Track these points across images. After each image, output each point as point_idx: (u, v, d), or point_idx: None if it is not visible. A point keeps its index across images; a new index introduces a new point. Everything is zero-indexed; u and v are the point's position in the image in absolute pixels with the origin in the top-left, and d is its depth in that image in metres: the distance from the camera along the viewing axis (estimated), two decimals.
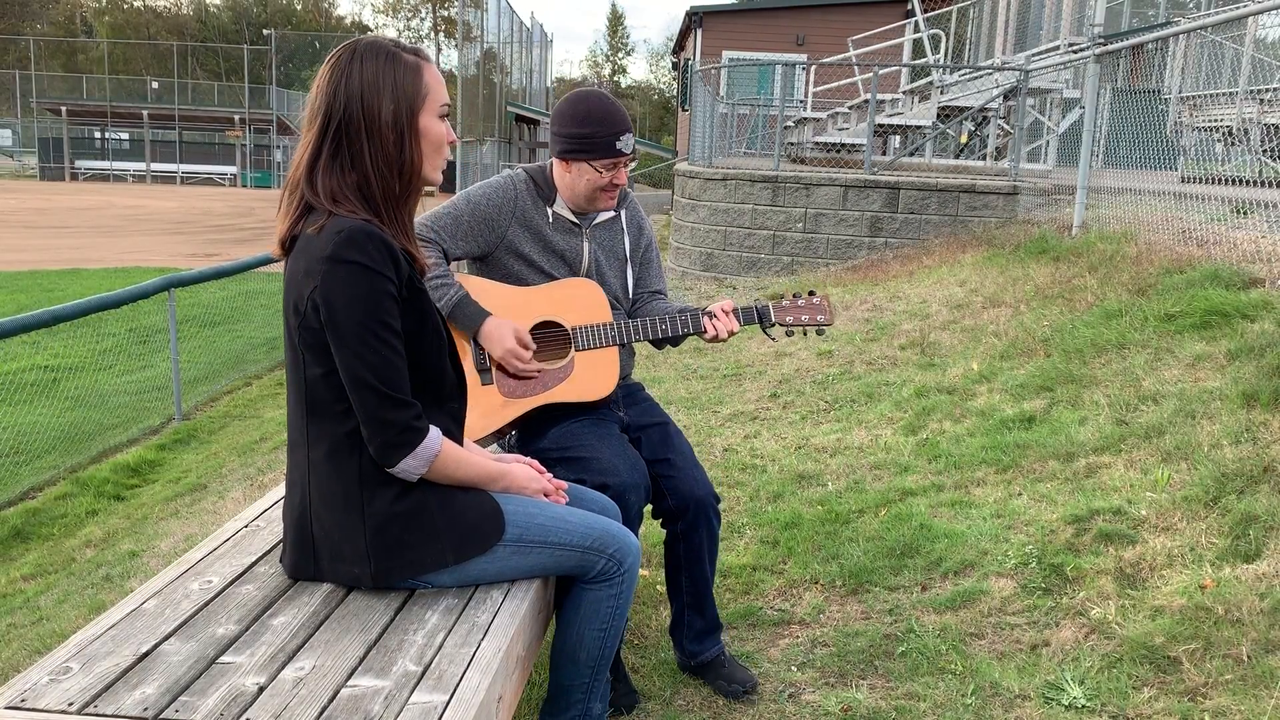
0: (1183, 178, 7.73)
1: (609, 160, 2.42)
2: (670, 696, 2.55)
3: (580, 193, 2.48)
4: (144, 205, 26.19)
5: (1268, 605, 2.43)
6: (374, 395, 1.69)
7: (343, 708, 1.45)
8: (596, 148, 2.41)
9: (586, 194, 2.48)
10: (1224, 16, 6.16)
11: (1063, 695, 2.35)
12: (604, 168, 2.43)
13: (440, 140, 1.79)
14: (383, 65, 1.72)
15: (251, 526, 2.12)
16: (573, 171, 2.46)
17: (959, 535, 3.22)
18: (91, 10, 60.57)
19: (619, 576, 1.94)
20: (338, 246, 1.65)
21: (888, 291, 7.20)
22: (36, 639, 3.56)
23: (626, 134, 2.43)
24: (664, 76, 65.92)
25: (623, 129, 2.42)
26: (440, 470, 1.78)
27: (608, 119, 2.41)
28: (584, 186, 2.46)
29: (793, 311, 2.60)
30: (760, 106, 15.04)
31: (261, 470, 5.30)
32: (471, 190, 2.52)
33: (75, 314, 6.14)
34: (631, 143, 2.44)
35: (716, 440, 4.62)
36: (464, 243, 2.45)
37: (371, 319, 1.67)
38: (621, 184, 2.49)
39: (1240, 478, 2.99)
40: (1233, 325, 4.06)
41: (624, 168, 2.47)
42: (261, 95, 39.86)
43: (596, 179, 2.44)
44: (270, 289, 11.73)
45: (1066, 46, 10.63)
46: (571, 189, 2.49)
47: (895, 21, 16.40)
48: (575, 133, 2.42)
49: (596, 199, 2.49)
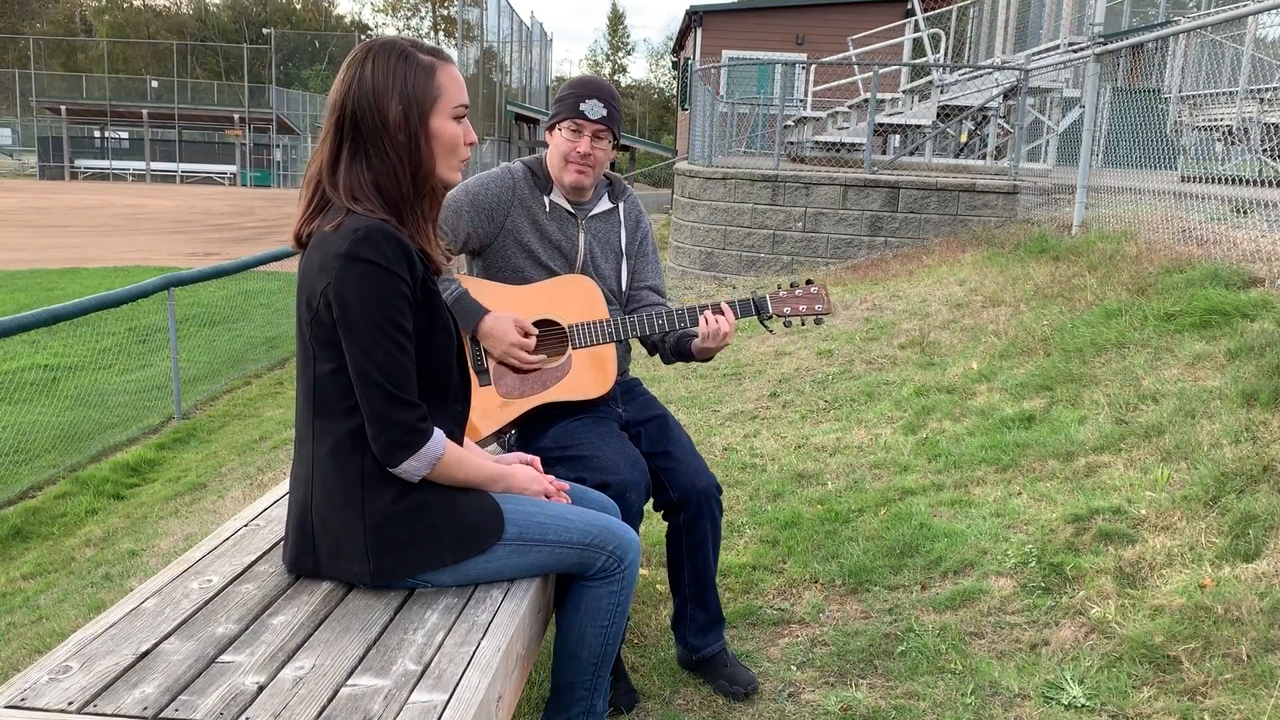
0: (1183, 177, 7.73)
1: (573, 121, 2.43)
2: (670, 696, 2.55)
3: (556, 166, 2.51)
4: (144, 204, 26.19)
5: (1267, 605, 2.43)
6: (381, 394, 1.69)
7: (342, 707, 1.45)
8: (563, 110, 2.45)
9: (558, 165, 2.50)
10: (1224, 16, 6.16)
11: (1062, 695, 2.35)
12: (569, 130, 2.44)
13: (454, 142, 1.78)
14: (394, 66, 1.72)
15: (251, 526, 2.12)
16: (551, 144, 2.51)
17: (959, 534, 3.22)
18: (91, 9, 60.56)
19: (620, 573, 1.94)
20: (354, 244, 1.66)
21: (887, 291, 7.20)
22: (36, 638, 3.56)
23: (594, 99, 2.43)
24: (664, 76, 65.96)
25: (590, 94, 2.43)
26: (443, 473, 1.78)
27: (581, 85, 2.46)
28: (557, 159, 2.49)
29: (790, 302, 2.58)
30: (760, 106, 15.02)
31: (261, 469, 5.30)
32: (469, 182, 2.52)
33: (75, 313, 6.14)
34: (599, 110, 2.43)
35: (716, 439, 4.61)
36: (466, 234, 2.46)
37: (383, 318, 1.67)
38: (589, 155, 2.46)
39: (1240, 477, 2.99)
40: (1232, 324, 4.06)
41: (590, 138, 2.44)
42: (261, 94, 39.84)
43: (564, 145, 2.46)
44: (270, 288, 11.73)
45: (1066, 46, 10.63)
46: (555, 166, 2.52)
47: (895, 21, 16.39)
48: (555, 102, 2.50)
49: (565, 171, 2.49)
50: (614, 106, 2.46)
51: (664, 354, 2.63)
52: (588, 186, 2.52)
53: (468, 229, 2.45)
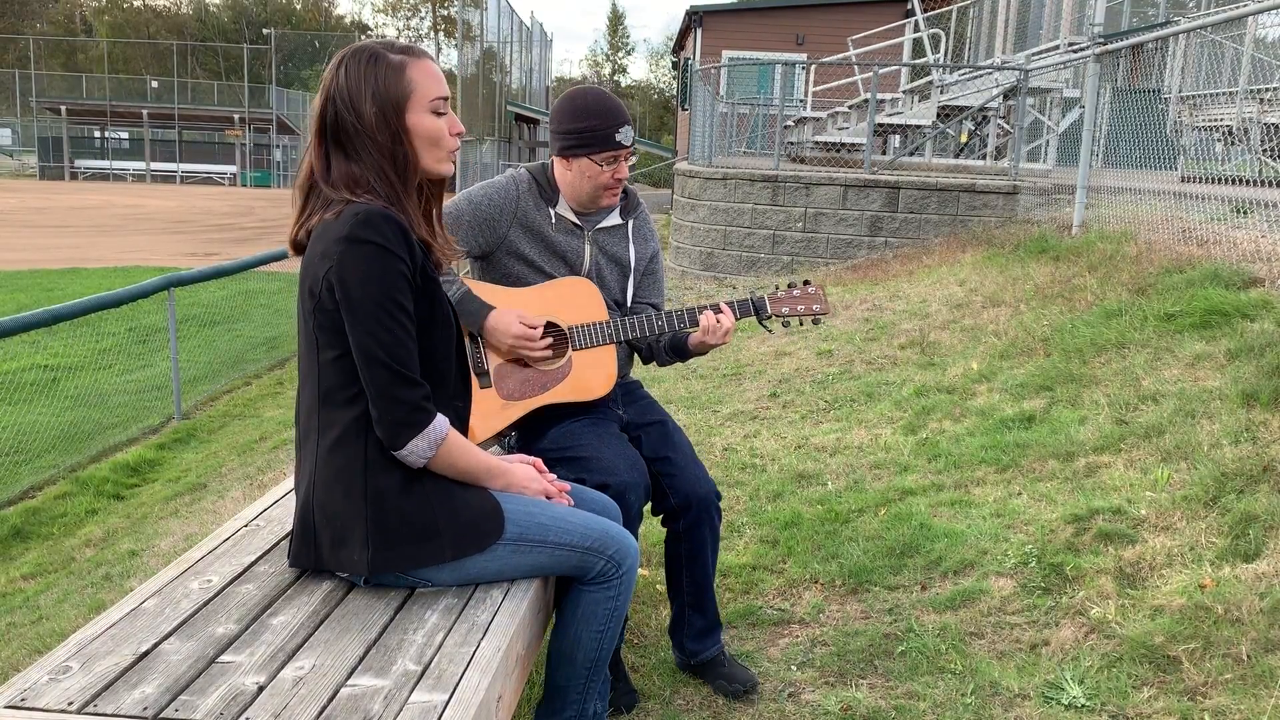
0: (1183, 177, 7.73)
1: (608, 153, 2.39)
2: (670, 696, 2.55)
3: (584, 191, 2.45)
4: (144, 204, 26.19)
5: (1267, 605, 2.43)
6: (385, 372, 1.70)
7: (342, 707, 1.45)
8: (595, 141, 2.38)
9: (590, 192, 2.45)
10: (1224, 16, 6.16)
11: (1062, 695, 2.35)
12: (604, 161, 2.40)
13: (435, 134, 1.79)
14: (364, 69, 1.75)
15: (251, 526, 2.12)
16: (574, 169, 2.43)
17: (959, 535, 3.22)
18: (91, 9, 60.57)
19: (617, 579, 1.94)
20: (354, 227, 1.68)
21: (887, 291, 7.20)
22: (36, 638, 3.56)
23: (625, 126, 2.40)
24: (664, 76, 65.95)
25: (621, 121, 2.40)
26: (445, 458, 1.78)
27: (605, 112, 2.38)
28: (586, 184, 2.43)
29: (788, 302, 2.57)
30: (760, 106, 15.03)
31: (261, 470, 5.30)
32: (473, 190, 2.51)
33: (75, 313, 6.14)
34: (631, 135, 2.42)
35: (716, 440, 4.61)
36: (463, 241, 2.45)
37: (386, 297, 1.69)
38: (624, 178, 2.45)
39: (1240, 477, 2.99)
40: (1232, 325, 4.06)
41: (624, 162, 2.43)
42: (261, 95, 39.85)
43: (598, 174, 2.41)
44: (270, 289, 11.74)
45: (1066, 46, 10.64)
46: (574, 188, 2.46)
47: (895, 21, 16.40)
48: (573, 128, 2.39)
49: (600, 197, 2.46)
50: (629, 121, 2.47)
51: (658, 354, 2.62)
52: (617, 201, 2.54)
53: (468, 238, 2.45)
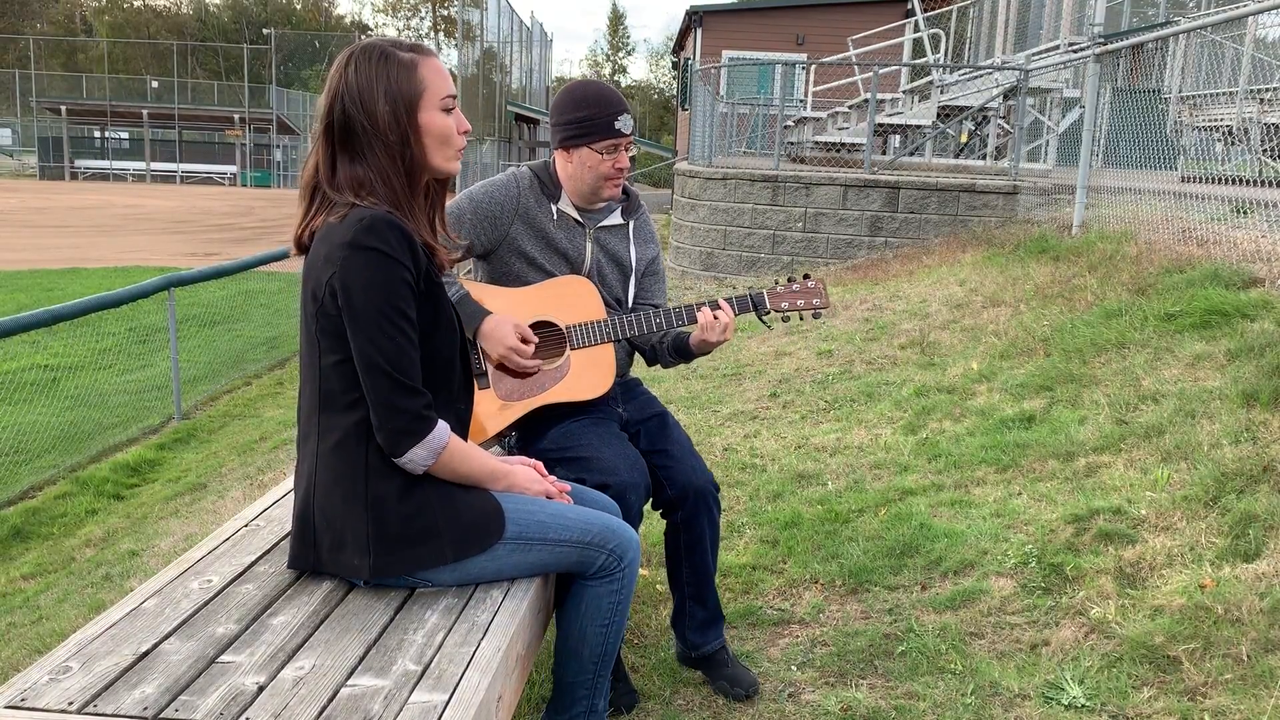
0: (1183, 177, 7.73)
1: (608, 142, 2.38)
2: (670, 696, 2.55)
3: (585, 182, 2.44)
4: (144, 204, 26.19)
5: (1267, 605, 2.43)
6: (386, 380, 1.69)
7: (342, 707, 1.45)
8: (594, 130, 2.38)
9: (591, 183, 2.44)
10: (1224, 16, 6.16)
11: (1062, 695, 2.35)
12: (604, 150, 2.39)
13: (445, 133, 1.79)
14: (376, 67, 1.74)
15: (251, 526, 2.12)
16: (574, 161, 2.43)
17: (959, 535, 3.22)
18: (91, 9, 60.57)
19: (620, 572, 1.94)
20: (358, 233, 1.67)
21: (887, 291, 7.20)
22: (36, 638, 3.56)
23: (624, 114, 2.39)
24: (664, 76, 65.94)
25: (620, 109, 2.39)
26: (446, 464, 1.78)
27: (603, 100, 2.38)
28: (588, 175, 2.42)
29: (788, 297, 2.57)
30: (760, 106, 15.03)
31: (261, 470, 5.31)
32: (474, 188, 2.51)
33: (75, 313, 6.14)
34: (630, 124, 2.41)
35: (716, 440, 4.61)
36: (469, 241, 2.45)
37: (388, 305, 1.68)
38: (625, 168, 2.44)
39: (1240, 477, 2.99)
40: (1233, 325, 4.06)
41: (625, 151, 2.42)
42: (261, 94, 39.85)
43: (598, 163, 2.40)
44: (270, 288, 11.74)
45: (1066, 46, 10.64)
46: (576, 180, 2.45)
47: (895, 21, 16.40)
48: (573, 118, 2.39)
49: (601, 188, 2.45)
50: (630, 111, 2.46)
51: (661, 355, 2.61)
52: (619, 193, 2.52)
53: (470, 236, 2.44)
